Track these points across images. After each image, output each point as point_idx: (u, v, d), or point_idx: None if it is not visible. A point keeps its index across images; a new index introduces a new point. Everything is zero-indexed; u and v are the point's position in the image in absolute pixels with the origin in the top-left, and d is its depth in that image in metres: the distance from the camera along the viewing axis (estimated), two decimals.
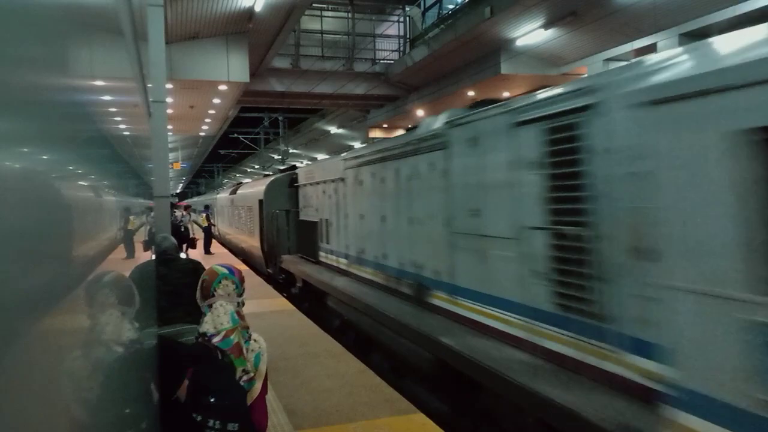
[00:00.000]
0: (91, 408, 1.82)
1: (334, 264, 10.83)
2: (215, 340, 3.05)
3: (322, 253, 11.79)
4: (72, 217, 1.17)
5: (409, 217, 7.40)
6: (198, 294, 3.25)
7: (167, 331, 4.50)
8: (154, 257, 5.80)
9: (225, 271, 3.30)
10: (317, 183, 12.05)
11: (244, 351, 3.11)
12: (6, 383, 0.69)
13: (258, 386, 3.12)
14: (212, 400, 2.60)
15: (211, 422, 2.51)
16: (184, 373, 2.55)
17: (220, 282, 3.24)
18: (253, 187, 20.35)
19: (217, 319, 3.12)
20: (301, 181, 13.86)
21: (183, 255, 9.63)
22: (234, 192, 25.83)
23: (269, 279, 15.37)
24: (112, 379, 2.27)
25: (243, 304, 3.34)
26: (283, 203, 14.72)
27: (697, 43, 3.76)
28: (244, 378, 3.06)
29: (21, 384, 0.75)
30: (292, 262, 13.35)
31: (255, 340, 3.24)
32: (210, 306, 3.17)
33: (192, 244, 22.21)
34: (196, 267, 5.36)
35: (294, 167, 18.61)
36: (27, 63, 0.78)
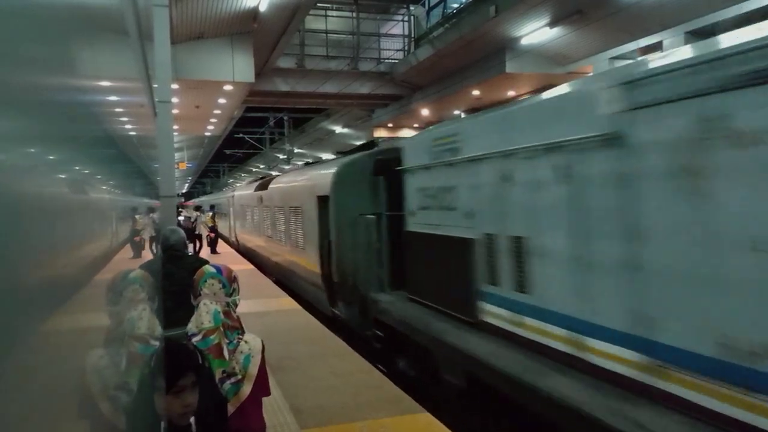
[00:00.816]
0: (118, 404, 1.81)
1: (558, 346, 4.68)
2: (195, 339, 3.02)
3: (491, 308, 5.63)
4: (78, 216, 1.18)
5: None
6: (192, 295, 3.26)
7: (174, 333, 4.45)
8: (160, 253, 5.44)
9: (212, 270, 3.31)
10: (476, 159, 5.84)
11: (225, 352, 3.06)
12: (32, 379, 0.70)
13: (246, 389, 3.06)
14: None
15: None
16: (182, 370, 2.48)
17: (206, 281, 3.23)
18: (303, 175, 13.15)
19: (199, 319, 3.10)
20: (412, 161, 7.44)
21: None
22: (264, 187, 17.43)
23: (332, 323, 9.79)
24: (138, 378, 2.25)
25: (236, 304, 3.31)
26: (367, 203, 8.95)
27: None
28: (231, 380, 3.02)
29: (45, 381, 0.76)
30: (409, 316, 7.02)
31: (246, 342, 3.18)
32: (197, 307, 3.17)
33: (208, 243, 22.42)
34: (203, 265, 5.25)
35: (372, 144, 11.23)
36: (34, 64, 0.79)
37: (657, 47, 13.97)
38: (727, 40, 3.41)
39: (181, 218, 18.56)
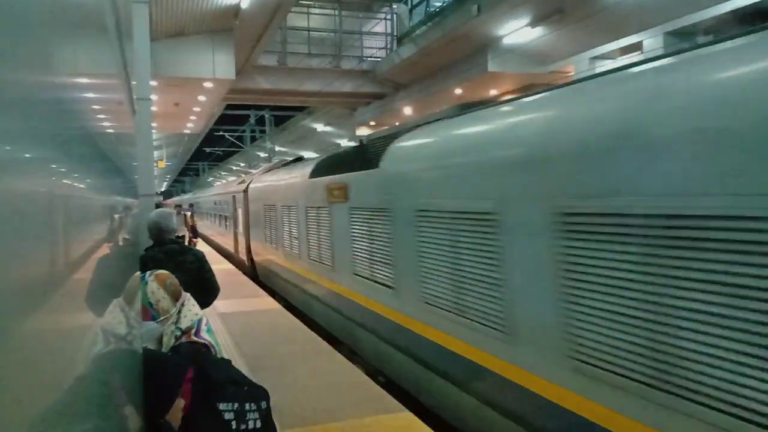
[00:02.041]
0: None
1: None
2: (203, 325, 3.13)
3: None
4: (54, 215, 1.14)
5: None
6: (169, 299, 3.15)
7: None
8: (153, 243, 4.92)
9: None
10: None
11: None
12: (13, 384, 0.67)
13: None
14: (234, 388, 2.54)
15: (248, 406, 2.46)
16: (174, 391, 2.39)
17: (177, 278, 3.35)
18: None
19: (194, 308, 3.22)
20: None
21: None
22: (343, 163, 7.91)
23: None
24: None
25: None
26: None
27: None
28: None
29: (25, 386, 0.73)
30: None
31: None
32: (182, 304, 3.22)
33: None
34: (201, 262, 4.94)
35: None
36: (9, 60, 0.76)
37: (637, 47, 14.12)
38: None
39: None
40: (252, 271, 15.50)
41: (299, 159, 13.52)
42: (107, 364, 2.15)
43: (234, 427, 2.33)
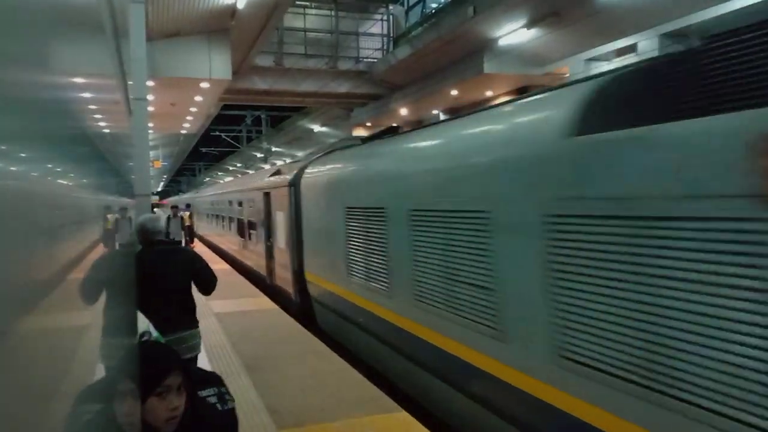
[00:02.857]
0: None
1: None
2: (153, 332, 3.13)
3: None
4: (50, 215, 1.16)
5: None
6: None
7: (170, 338, 4.20)
8: (141, 245, 4.96)
9: None
10: None
11: None
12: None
13: None
14: (203, 375, 2.65)
15: (222, 389, 2.56)
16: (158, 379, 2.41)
17: None
18: None
19: (141, 316, 3.23)
20: None
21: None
22: None
23: None
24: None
25: None
26: None
27: None
28: None
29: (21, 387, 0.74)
30: None
31: None
32: None
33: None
34: (193, 260, 5.03)
35: None
36: (6, 60, 0.77)
37: (632, 49, 14.17)
38: None
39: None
40: (305, 310, 10.12)
41: (394, 128, 8.79)
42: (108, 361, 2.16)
43: (220, 408, 2.46)
